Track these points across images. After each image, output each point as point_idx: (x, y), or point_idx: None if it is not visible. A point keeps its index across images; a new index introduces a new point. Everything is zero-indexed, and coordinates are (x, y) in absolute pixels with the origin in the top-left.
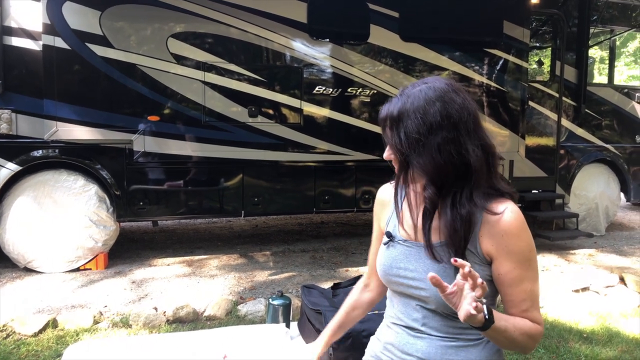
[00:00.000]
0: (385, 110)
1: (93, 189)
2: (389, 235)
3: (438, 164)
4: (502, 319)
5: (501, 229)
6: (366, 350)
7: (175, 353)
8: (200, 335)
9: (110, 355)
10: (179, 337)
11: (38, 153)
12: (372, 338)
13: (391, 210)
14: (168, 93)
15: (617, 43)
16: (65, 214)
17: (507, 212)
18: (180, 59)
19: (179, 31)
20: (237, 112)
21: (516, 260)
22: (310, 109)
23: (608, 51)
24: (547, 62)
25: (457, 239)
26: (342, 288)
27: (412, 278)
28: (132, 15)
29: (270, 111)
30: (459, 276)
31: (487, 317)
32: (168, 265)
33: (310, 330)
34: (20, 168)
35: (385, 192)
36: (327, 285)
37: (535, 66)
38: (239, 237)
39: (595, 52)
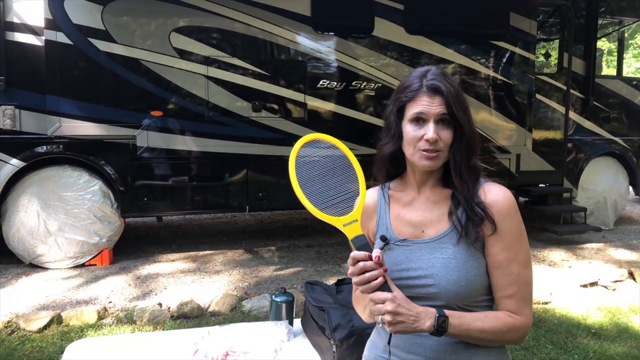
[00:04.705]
0: (441, 87)
1: (97, 184)
2: (384, 238)
3: (477, 136)
4: (462, 325)
5: (494, 208)
6: (364, 357)
7: (176, 350)
8: (201, 333)
9: (112, 352)
10: (180, 334)
11: (42, 149)
12: (367, 346)
13: (377, 214)
14: (171, 88)
15: (626, 35)
16: (70, 209)
17: (499, 190)
18: (183, 54)
19: (182, 25)
20: (240, 106)
21: (506, 240)
22: (314, 103)
23: (616, 43)
24: (554, 54)
25: (477, 216)
26: (347, 284)
27: (417, 277)
28: (134, 10)
29: (274, 106)
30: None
31: (435, 327)
32: (173, 260)
33: (313, 327)
34: (25, 164)
35: (369, 199)
36: (332, 280)
37: (542, 58)
38: (244, 232)
39: (603, 44)
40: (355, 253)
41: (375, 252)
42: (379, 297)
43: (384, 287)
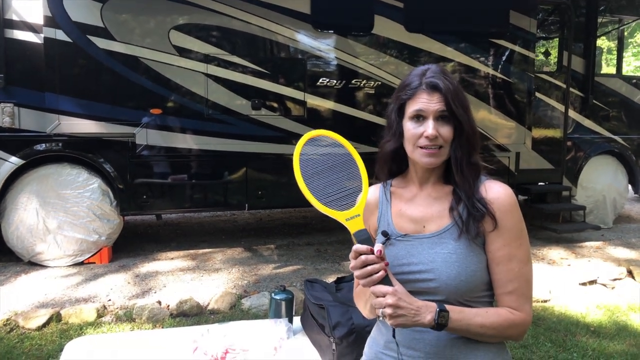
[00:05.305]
0: (440, 84)
1: (96, 182)
2: (385, 234)
3: (478, 133)
4: (463, 320)
5: (495, 205)
6: (364, 354)
7: (175, 348)
8: (201, 331)
9: (111, 350)
10: (179, 332)
11: (41, 147)
12: (367, 343)
13: (379, 211)
14: (170, 86)
15: (625, 33)
16: (69, 207)
17: (500, 187)
18: (182, 51)
19: (181, 23)
20: (240, 104)
21: (507, 237)
22: (314, 101)
23: (616, 41)
24: (554, 52)
25: (478, 212)
26: (346, 282)
27: (417, 271)
28: (133, 7)
29: (274, 104)
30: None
31: (436, 321)
32: (172, 259)
33: (313, 325)
34: (24, 162)
35: (371, 196)
36: (332, 278)
37: (542, 57)
38: (243, 230)
39: (602, 42)
40: (357, 246)
41: (377, 246)
42: (380, 290)
43: (385, 281)
